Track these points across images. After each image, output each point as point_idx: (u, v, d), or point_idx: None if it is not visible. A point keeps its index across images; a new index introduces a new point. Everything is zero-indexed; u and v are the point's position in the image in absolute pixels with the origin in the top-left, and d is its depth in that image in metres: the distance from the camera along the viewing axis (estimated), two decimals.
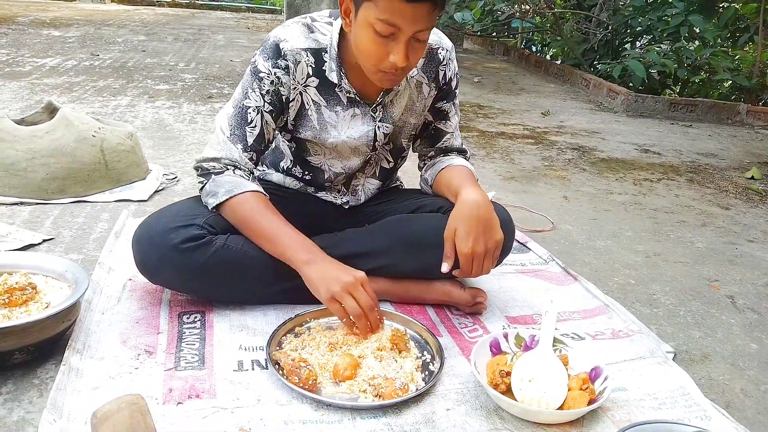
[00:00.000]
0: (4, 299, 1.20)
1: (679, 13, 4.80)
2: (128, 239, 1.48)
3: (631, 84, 4.83)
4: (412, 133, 1.53)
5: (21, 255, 1.39)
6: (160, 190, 2.15)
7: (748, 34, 4.94)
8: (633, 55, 4.81)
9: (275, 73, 1.32)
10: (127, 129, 2.21)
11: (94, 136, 2.06)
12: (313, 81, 1.35)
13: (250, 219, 1.31)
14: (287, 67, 1.32)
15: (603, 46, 5.75)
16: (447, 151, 1.55)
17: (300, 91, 1.36)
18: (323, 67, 1.34)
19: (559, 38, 6.24)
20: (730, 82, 4.84)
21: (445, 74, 1.45)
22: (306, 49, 1.32)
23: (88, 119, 2.12)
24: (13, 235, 1.69)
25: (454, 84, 1.49)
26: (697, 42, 5.10)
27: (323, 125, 1.40)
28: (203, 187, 1.36)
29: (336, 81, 1.35)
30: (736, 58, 5.24)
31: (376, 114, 1.42)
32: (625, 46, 5.82)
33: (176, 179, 2.26)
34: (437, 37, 1.43)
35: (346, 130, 1.41)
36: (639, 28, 5.41)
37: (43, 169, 1.95)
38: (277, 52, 1.31)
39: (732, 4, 4.91)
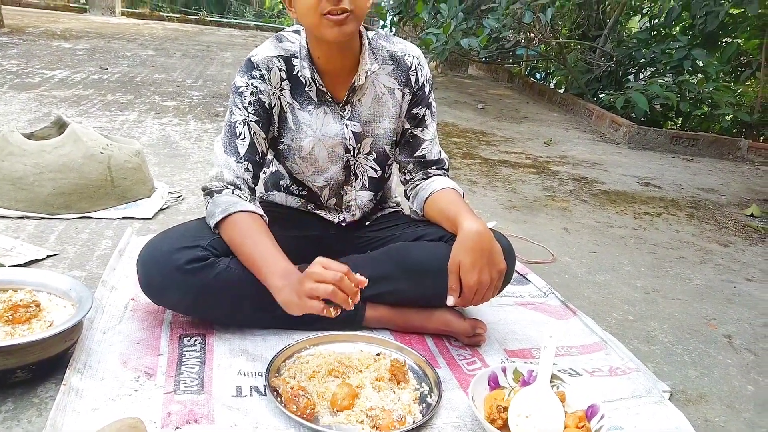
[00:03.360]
0: (8, 316, 1.21)
1: (682, 47, 4.87)
2: (132, 257, 1.50)
3: (633, 115, 4.88)
4: (393, 138, 1.56)
5: (27, 272, 1.40)
6: (165, 209, 2.17)
7: (751, 69, 5.00)
8: (636, 87, 4.86)
9: (252, 84, 1.41)
10: (135, 146, 2.24)
11: (101, 152, 2.09)
12: (287, 84, 1.44)
13: (239, 241, 1.32)
14: (262, 75, 1.41)
15: (606, 77, 5.81)
16: (426, 165, 1.57)
17: (278, 96, 1.44)
18: (294, 72, 1.43)
19: (563, 67, 6.31)
20: (732, 116, 4.88)
21: (417, 79, 1.51)
22: (276, 56, 1.42)
23: (96, 135, 2.14)
24: (18, 249, 1.71)
25: (427, 89, 1.54)
26: (699, 75, 5.16)
27: (298, 126, 1.46)
28: (207, 207, 1.39)
29: (309, 75, 1.42)
30: (738, 92, 5.29)
31: (344, 112, 1.47)
32: (629, 77, 5.88)
33: (181, 198, 2.28)
34: (403, 46, 1.51)
35: (321, 128, 1.47)
36: (642, 60, 5.48)
37: (50, 183, 1.97)
38: (250, 66, 1.41)
39: (735, 40, 4.97)
